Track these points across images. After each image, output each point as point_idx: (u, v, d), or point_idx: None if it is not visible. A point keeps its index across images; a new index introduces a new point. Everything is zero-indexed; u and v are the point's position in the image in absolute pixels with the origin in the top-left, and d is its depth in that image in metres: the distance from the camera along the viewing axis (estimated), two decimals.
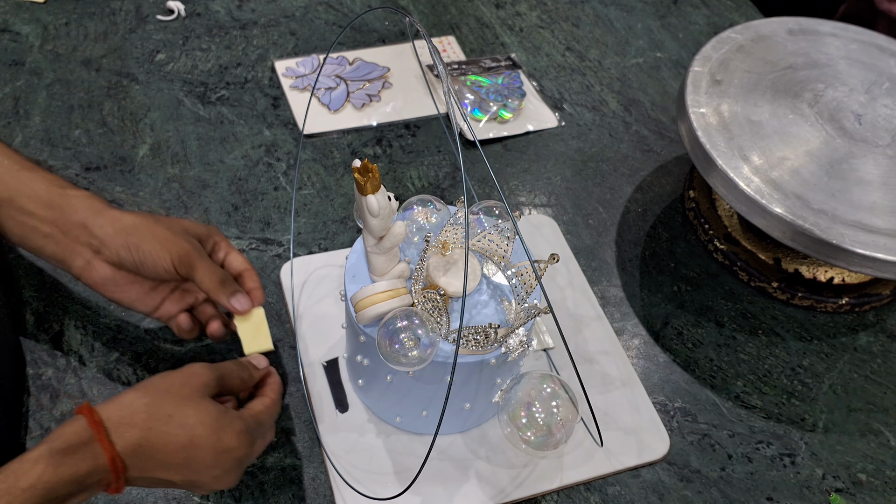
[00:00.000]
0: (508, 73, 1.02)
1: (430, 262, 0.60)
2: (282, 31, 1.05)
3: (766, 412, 0.74)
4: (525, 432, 0.59)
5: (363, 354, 0.62)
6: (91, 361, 0.70)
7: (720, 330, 0.79)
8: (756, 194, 0.72)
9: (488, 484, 0.65)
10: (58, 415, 0.66)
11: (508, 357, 0.58)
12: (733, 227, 0.86)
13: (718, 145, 0.76)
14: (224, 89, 0.96)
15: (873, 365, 0.79)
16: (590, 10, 1.16)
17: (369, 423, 0.68)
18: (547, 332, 0.75)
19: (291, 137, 0.92)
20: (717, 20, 1.16)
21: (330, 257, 0.79)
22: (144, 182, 0.85)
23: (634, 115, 1.01)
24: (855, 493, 0.69)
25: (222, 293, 0.63)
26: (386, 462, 0.66)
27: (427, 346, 0.54)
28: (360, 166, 0.54)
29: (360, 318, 0.58)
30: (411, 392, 0.62)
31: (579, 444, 0.68)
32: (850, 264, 0.70)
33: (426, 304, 0.57)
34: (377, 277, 0.61)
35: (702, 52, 0.86)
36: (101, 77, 0.96)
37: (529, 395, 0.59)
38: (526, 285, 0.61)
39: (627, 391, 0.72)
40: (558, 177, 0.92)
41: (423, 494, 0.64)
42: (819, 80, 0.85)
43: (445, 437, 0.67)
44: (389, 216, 0.57)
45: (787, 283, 0.82)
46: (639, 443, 0.69)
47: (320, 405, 0.68)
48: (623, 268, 0.84)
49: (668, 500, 0.67)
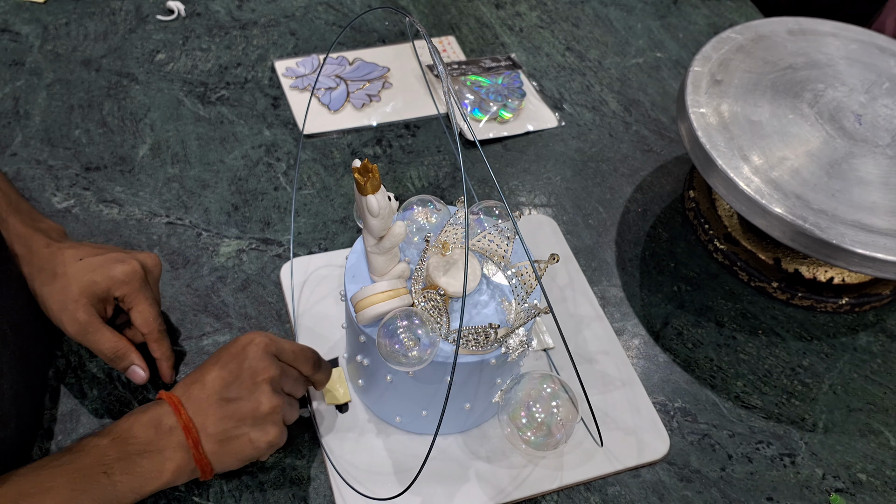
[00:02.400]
0: (508, 73, 1.02)
1: (430, 263, 0.60)
2: (282, 31, 1.05)
3: (766, 412, 0.74)
4: (525, 432, 0.59)
5: (363, 354, 0.62)
6: (91, 361, 0.70)
7: (720, 330, 0.79)
8: (756, 194, 0.72)
9: (488, 484, 0.65)
10: (58, 415, 0.66)
11: (508, 357, 0.58)
12: (733, 227, 0.86)
13: (718, 145, 0.76)
14: (224, 89, 0.96)
15: (873, 365, 0.79)
16: (590, 10, 1.16)
17: (369, 422, 0.68)
18: (547, 333, 0.75)
19: (291, 137, 0.92)
20: (717, 20, 1.16)
21: (330, 257, 0.79)
22: (144, 182, 0.85)
23: (634, 115, 1.01)
24: (855, 493, 0.69)
25: (118, 366, 0.65)
26: (386, 462, 0.66)
27: (427, 346, 0.54)
28: (360, 166, 0.54)
29: (359, 318, 0.58)
30: (411, 392, 0.62)
31: (579, 444, 0.68)
32: (850, 264, 0.70)
33: (426, 304, 0.57)
34: (377, 277, 0.61)
35: (702, 52, 0.86)
36: (101, 77, 0.96)
37: (529, 395, 0.59)
38: (526, 285, 0.61)
39: (627, 391, 0.72)
40: (558, 177, 0.92)
41: (423, 494, 0.64)
42: (819, 80, 0.85)
43: (445, 437, 0.67)
44: (389, 216, 0.57)
45: (787, 283, 0.82)
46: (639, 443, 0.69)
47: (320, 405, 0.68)
48: (623, 268, 0.84)
49: (668, 500, 0.67)
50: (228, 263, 0.79)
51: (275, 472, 0.65)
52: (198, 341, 0.72)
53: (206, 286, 0.76)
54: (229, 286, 0.77)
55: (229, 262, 0.79)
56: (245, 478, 0.64)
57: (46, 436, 0.65)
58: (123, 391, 0.68)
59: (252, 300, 0.76)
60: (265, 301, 0.76)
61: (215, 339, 0.72)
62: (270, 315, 0.75)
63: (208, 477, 0.58)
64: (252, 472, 0.65)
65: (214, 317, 0.74)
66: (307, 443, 0.67)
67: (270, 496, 0.64)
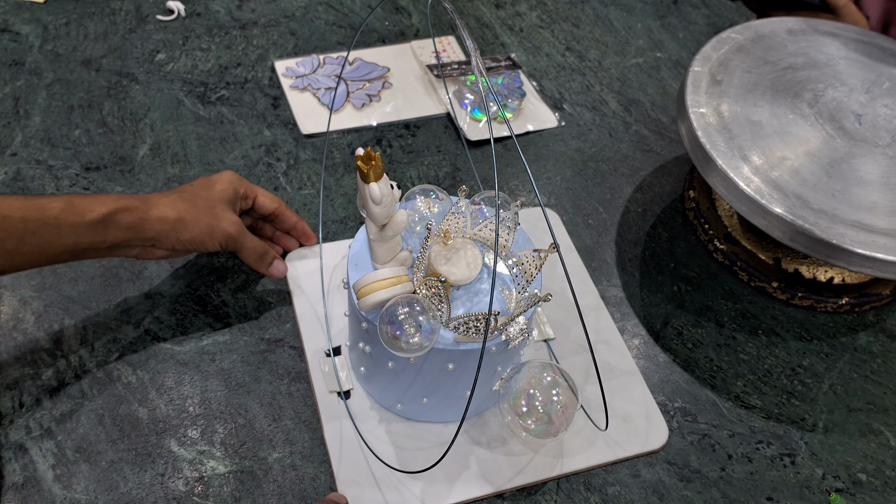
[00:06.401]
0: (508, 73, 1.02)
1: (432, 251, 0.61)
2: (282, 31, 1.05)
3: (766, 412, 0.74)
4: (525, 420, 0.59)
5: (365, 342, 0.62)
6: (91, 361, 0.70)
7: (720, 330, 0.79)
8: (756, 194, 0.72)
9: (489, 471, 0.65)
10: (58, 415, 0.66)
11: (509, 345, 0.59)
12: (733, 227, 0.86)
13: (718, 145, 0.76)
14: (224, 89, 0.96)
15: (873, 365, 0.79)
16: (590, 10, 1.16)
17: (371, 409, 0.68)
18: (548, 324, 0.75)
19: (291, 137, 0.92)
20: (717, 20, 1.16)
21: (334, 248, 0.80)
22: (144, 182, 0.85)
23: (634, 115, 1.01)
24: (855, 493, 0.69)
25: (262, 266, 0.74)
26: (387, 448, 0.66)
27: (428, 332, 0.55)
28: (363, 154, 0.54)
29: (361, 305, 0.58)
30: (412, 379, 0.63)
31: (579, 432, 0.69)
32: (850, 264, 0.70)
33: (427, 291, 0.57)
34: (379, 265, 0.61)
35: (702, 52, 0.86)
36: (101, 77, 0.96)
37: (530, 383, 0.60)
38: (527, 274, 0.61)
39: (627, 381, 0.73)
40: (558, 177, 0.92)
41: (424, 480, 0.64)
42: (819, 80, 0.85)
43: (446, 424, 0.68)
44: (392, 204, 0.57)
45: (787, 283, 0.82)
46: (637, 432, 0.70)
47: (323, 392, 0.69)
48: (623, 268, 0.84)
49: (668, 500, 0.67)
50: (228, 263, 0.79)
51: (275, 472, 0.65)
52: (198, 341, 0.72)
53: (206, 286, 0.76)
54: (229, 286, 0.77)
55: (229, 262, 0.79)
56: (244, 477, 0.64)
57: (47, 436, 0.65)
58: (123, 391, 0.68)
59: (252, 300, 0.76)
60: (265, 301, 0.76)
61: (215, 339, 0.73)
62: (270, 315, 0.75)
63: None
64: (252, 471, 0.65)
65: (214, 317, 0.74)
66: (307, 443, 0.67)
67: (270, 496, 0.64)
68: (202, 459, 0.65)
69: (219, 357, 0.71)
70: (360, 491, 0.63)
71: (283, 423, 0.68)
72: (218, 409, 0.68)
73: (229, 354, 0.72)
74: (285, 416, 0.68)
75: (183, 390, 0.69)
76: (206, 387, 0.69)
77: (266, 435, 0.67)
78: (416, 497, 0.63)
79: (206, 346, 0.72)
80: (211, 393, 0.69)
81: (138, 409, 0.67)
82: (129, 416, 0.67)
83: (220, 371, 0.71)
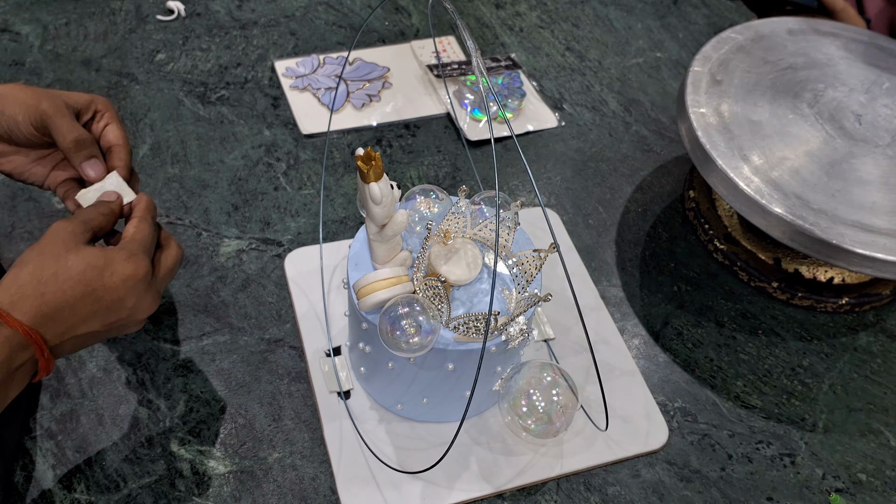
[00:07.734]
0: (508, 73, 1.02)
1: (432, 251, 0.61)
2: (282, 31, 1.05)
3: (766, 412, 0.74)
4: (525, 420, 0.60)
5: (365, 342, 0.63)
6: (91, 361, 0.70)
7: (720, 330, 0.79)
8: (756, 194, 0.72)
9: (489, 471, 0.66)
10: (58, 415, 0.66)
11: (509, 345, 0.59)
12: (733, 227, 0.86)
13: (718, 145, 0.76)
14: (224, 89, 0.96)
15: (873, 365, 0.79)
16: (590, 10, 1.16)
17: (371, 409, 0.68)
18: (548, 323, 0.75)
19: (291, 137, 0.92)
20: (717, 20, 1.16)
21: (334, 248, 0.80)
22: (144, 182, 0.85)
23: (634, 115, 1.01)
24: (855, 493, 0.69)
25: (76, 155, 0.60)
26: (388, 448, 0.66)
27: (428, 332, 0.55)
28: (363, 154, 0.54)
29: (361, 305, 0.58)
30: (412, 379, 0.63)
31: (579, 432, 0.69)
32: (850, 264, 0.70)
33: (427, 291, 0.57)
34: (379, 265, 0.61)
35: (702, 52, 0.86)
36: (101, 77, 0.96)
37: (530, 383, 0.60)
38: (526, 274, 0.61)
39: (626, 381, 0.73)
40: (558, 177, 0.92)
41: (424, 480, 0.64)
42: (819, 80, 0.85)
43: (446, 424, 0.68)
44: (392, 204, 0.57)
45: (787, 283, 0.82)
46: (637, 432, 0.70)
47: (323, 392, 0.69)
48: (623, 268, 0.84)
49: (668, 500, 0.67)
50: (228, 263, 0.79)
51: (275, 472, 0.65)
52: (198, 341, 0.72)
53: (206, 286, 0.76)
54: (229, 286, 0.77)
55: (229, 262, 0.79)
56: (244, 476, 0.64)
57: (47, 436, 0.65)
58: (123, 391, 0.68)
59: (252, 300, 0.76)
60: (265, 301, 0.76)
61: (215, 339, 0.73)
62: (270, 315, 0.75)
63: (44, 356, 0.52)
64: (252, 471, 0.65)
65: (214, 317, 0.74)
66: (307, 443, 0.67)
67: (270, 496, 0.64)
68: (202, 459, 0.65)
69: (219, 357, 0.71)
70: (359, 491, 0.63)
71: (283, 423, 0.68)
72: (218, 410, 0.68)
73: (229, 354, 0.72)
74: (285, 416, 0.68)
75: (183, 390, 0.69)
76: (206, 387, 0.69)
77: (266, 435, 0.67)
78: (416, 497, 0.63)
79: (206, 346, 0.72)
80: (211, 393, 0.69)
81: (138, 409, 0.67)
82: (129, 416, 0.67)
83: (220, 371, 0.71)
